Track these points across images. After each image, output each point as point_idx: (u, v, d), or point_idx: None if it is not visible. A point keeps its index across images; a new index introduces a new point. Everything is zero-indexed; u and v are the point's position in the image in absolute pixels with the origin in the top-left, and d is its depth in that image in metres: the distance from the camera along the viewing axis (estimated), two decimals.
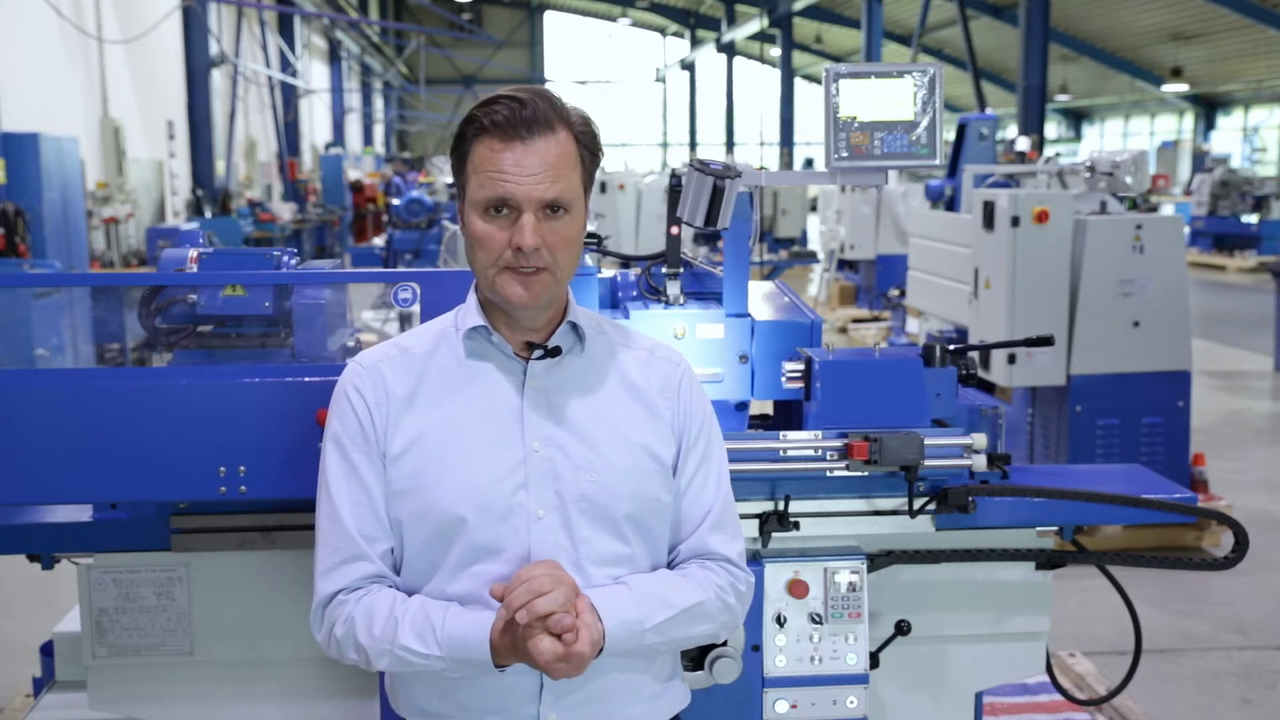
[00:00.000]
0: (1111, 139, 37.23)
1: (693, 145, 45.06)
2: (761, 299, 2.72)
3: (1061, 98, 33.67)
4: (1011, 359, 5.70)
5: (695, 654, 2.27)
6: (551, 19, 48.76)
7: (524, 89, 1.77)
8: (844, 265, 12.87)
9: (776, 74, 31.27)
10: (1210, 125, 31.86)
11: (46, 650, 2.93)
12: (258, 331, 2.55)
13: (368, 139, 40.85)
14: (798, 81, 33.41)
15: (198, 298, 2.48)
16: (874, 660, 2.41)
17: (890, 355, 2.45)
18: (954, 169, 8.09)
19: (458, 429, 1.79)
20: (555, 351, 1.82)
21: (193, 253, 2.56)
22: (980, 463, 2.32)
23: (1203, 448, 6.31)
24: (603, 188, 13.75)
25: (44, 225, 9.95)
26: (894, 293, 10.00)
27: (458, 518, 1.75)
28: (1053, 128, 36.16)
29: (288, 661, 2.43)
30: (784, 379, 2.48)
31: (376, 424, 1.80)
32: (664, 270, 2.60)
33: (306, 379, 2.21)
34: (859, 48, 25.65)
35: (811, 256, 14.53)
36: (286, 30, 25.52)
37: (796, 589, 2.35)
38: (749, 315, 2.51)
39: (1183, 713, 4.11)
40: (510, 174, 1.71)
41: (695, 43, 43.79)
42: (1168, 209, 19.63)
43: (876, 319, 11.74)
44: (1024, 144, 10.75)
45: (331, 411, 1.85)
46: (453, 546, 1.77)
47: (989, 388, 6.00)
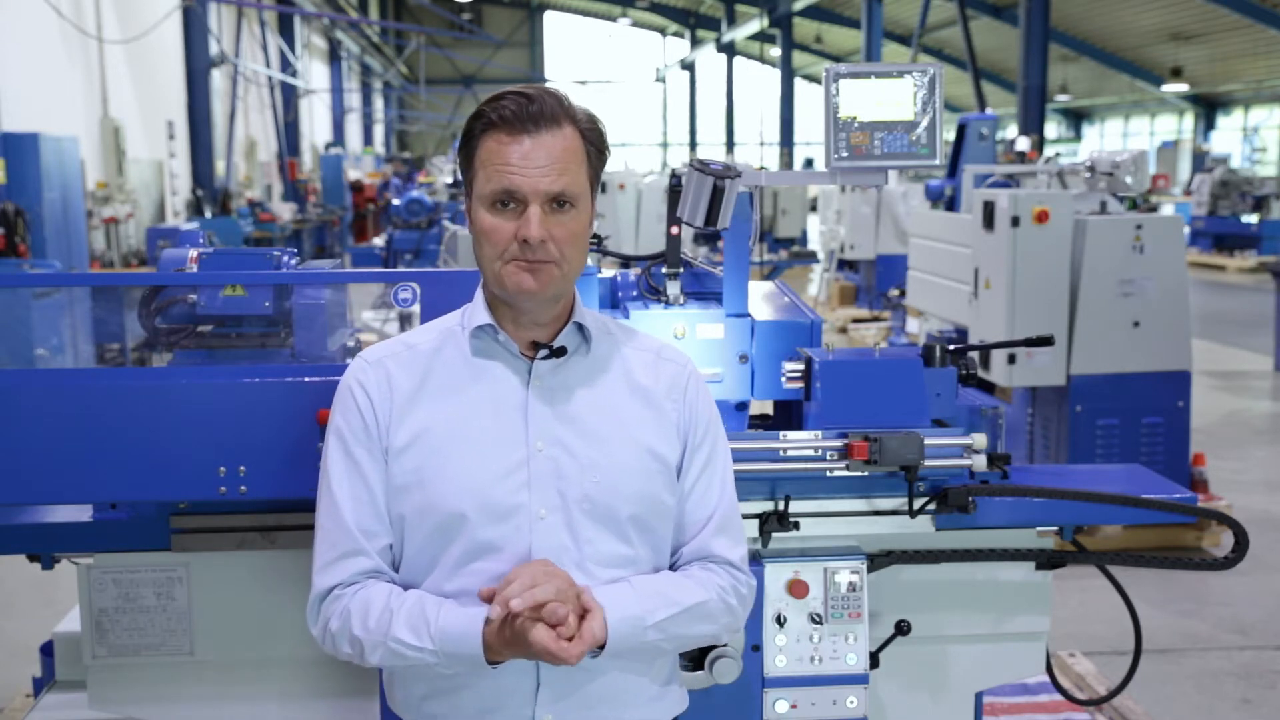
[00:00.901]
0: (1111, 139, 37.23)
1: (693, 145, 45.06)
2: (761, 299, 2.72)
3: (1061, 98, 33.68)
4: (1011, 359, 5.70)
5: (695, 654, 2.28)
6: (551, 19, 48.76)
7: (531, 86, 1.77)
8: (844, 265, 12.87)
9: (776, 74, 31.28)
10: (1210, 125, 31.87)
11: (46, 650, 2.94)
12: (258, 331, 2.55)
13: (368, 139, 40.85)
14: (798, 81, 33.42)
15: (198, 298, 2.48)
16: (874, 660, 2.40)
17: (890, 355, 2.45)
18: (954, 169, 8.10)
19: (462, 426, 1.78)
20: (561, 351, 1.81)
21: (193, 253, 2.56)
22: (980, 463, 2.32)
23: (1203, 448, 6.31)
24: (603, 188, 13.71)
25: (44, 225, 9.95)
26: (894, 293, 10.00)
27: (459, 515, 1.75)
28: (1053, 128, 36.17)
29: (288, 661, 2.43)
30: (784, 379, 2.48)
31: (380, 419, 1.79)
32: (664, 270, 2.60)
33: (306, 379, 2.21)
34: (859, 48, 25.65)
35: (811, 256, 14.53)
36: (286, 30, 25.52)
37: (796, 589, 2.35)
38: (749, 315, 2.51)
39: (1183, 713, 4.11)
40: (517, 167, 1.71)
41: (695, 43, 43.79)
42: (1168, 209, 19.64)
43: (876, 319, 11.74)
44: (1024, 144, 10.77)
45: (335, 406, 1.85)
46: (453, 543, 1.76)
47: (989, 388, 6.00)
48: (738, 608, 1.87)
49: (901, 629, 2.44)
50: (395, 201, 12.50)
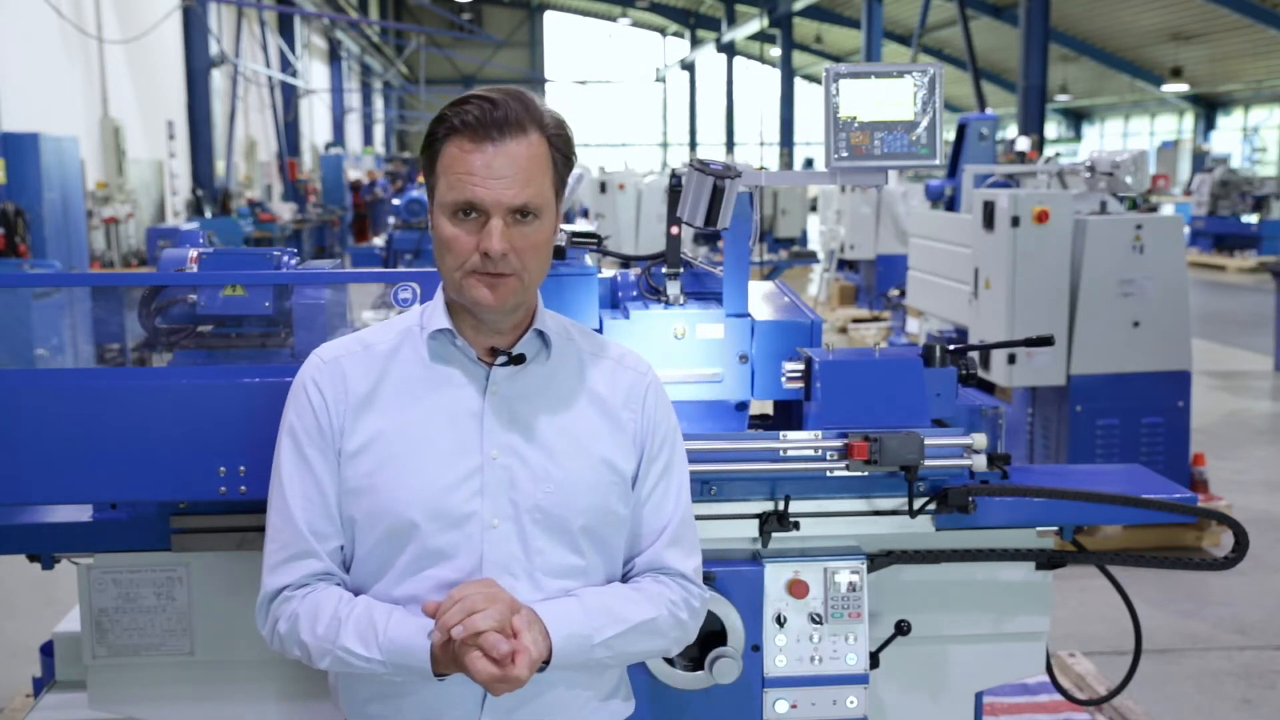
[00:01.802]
0: (1111, 139, 37.23)
1: (693, 145, 45.04)
2: (761, 299, 2.71)
3: (1061, 98, 33.67)
4: (1011, 359, 5.70)
5: (695, 654, 2.28)
6: (551, 19, 48.73)
7: (497, 89, 1.74)
8: (844, 265, 12.87)
9: (776, 74, 31.26)
10: (1210, 125, 31.87)
11: (46, 650, 2.94)
12: (258, 331, 2.55)
13: (368, 139, 40.84)
14: (798, 81, 33.41)
15: (198, 298, 2.48)
16: (874, 660, 2.40)
17: (890, 355, 2.45)
18: (954, 169, 8.09)
19: (416, 432, 1.76)
20: (519, 359, 1.79)
21: (193, 253, 2.55)
22: (980, 463, 2.32)
23: (1203, 448, 6.31)
24: (603, 188, 13.76)
25: (44, 225, 9.95)
26: (894, 293, 10.00)
27: (410, 522, 1.73)
28: (1053, 128, 36.17)
29: (288, 661, 2.41)
30: (784, 379, 2.48)
31: (334, 421, 1.78)
32: (664, 270, 2.59)
33: None
34: (859, 48, 25.65)
35: (811, 256, 14.52)
36: (286, 30, 25.51)
37: (796, 589, 2.35)
38: (749, 315, 2.51)
39: (1183, 713, 4.11)
40: (479, 177, 1.69)
41: (695, 43, 43.77)
42: (1168, 209, 19.63)
43: (876, 319, 11.74)
44: (1024, 144, 10.75)
45: (289, 403, 1.83)
46: (404, 549, 1.75)
47: (989, 388, 6.00)
48: (688, 622, 1.86)
49: (901, 629, 2.44)
50: (396, 202, 12.51)
